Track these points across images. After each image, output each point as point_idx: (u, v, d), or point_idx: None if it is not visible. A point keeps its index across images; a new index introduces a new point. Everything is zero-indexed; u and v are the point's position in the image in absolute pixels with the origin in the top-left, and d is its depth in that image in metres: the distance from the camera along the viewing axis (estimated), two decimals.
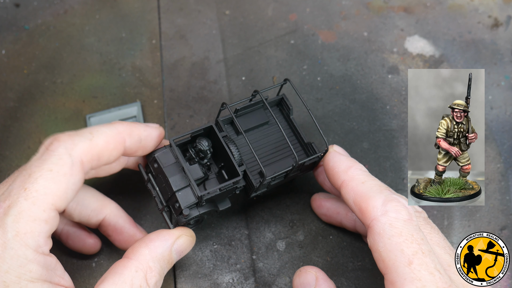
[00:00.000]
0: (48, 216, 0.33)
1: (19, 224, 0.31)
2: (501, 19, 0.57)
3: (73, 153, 0.34)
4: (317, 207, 0.46)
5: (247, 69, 0.54)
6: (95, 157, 0.35)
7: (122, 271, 0.35)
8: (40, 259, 0.32)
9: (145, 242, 0.37)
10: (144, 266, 0.35)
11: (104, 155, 0.36)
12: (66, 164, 0.34)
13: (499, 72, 0.54)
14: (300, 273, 0.40)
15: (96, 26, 0.55)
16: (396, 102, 0.52)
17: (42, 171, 0.33)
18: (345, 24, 0.56)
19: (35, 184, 0.32)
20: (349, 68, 0.54)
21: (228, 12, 0.57)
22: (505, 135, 0.51)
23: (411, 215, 0.36)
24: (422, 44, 0.55)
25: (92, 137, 0.35)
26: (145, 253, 0.36)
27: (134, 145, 0.38)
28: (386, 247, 0.35)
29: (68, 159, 0.34)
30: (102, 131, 0.36)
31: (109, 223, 0.41)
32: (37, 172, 0.33)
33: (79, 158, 0.34)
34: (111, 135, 0.36)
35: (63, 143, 0.34)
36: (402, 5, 0.57)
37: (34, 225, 0.32)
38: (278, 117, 0.45)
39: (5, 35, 0.54)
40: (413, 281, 0.33)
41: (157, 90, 0.52)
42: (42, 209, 0.32)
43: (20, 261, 0.31)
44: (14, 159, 0.49)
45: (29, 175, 0.33)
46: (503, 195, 0.49)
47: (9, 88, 0.52)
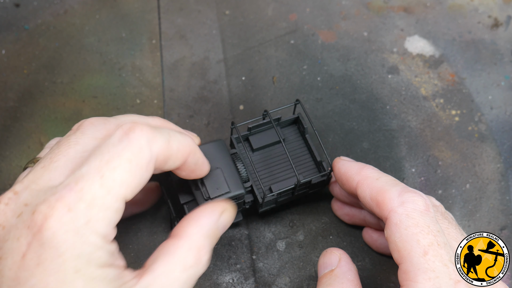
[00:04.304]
0: (119, 206, 0.32)
1: (92, 211, 0.31)
2: (501, 19, 0.57)
3: (153, 148, 0.33)
4: (338, 208, 0.46)
5: (247, 69, 0.54)
6: (165, 159, 0.34)
7: (174, 251, 0.34)
8: (107, 247, 0.32)
9: (193, 219, 0.36)
10: (195, 245, 0.35)
11: (171, 161, 0.35)
12: (145, 158, 0.32)
13: (499, 72, 0.54)
14: (326, 253, 0.40)
15: (96, 26, 0.55)
16: (396, 102, 0.52)
17: (122, 160, 0.32)
18: (345, 24, 0.56)
19: (114, 173, 0.31)
20: (349, 68, 0.54)
21: (228, 12, 0.57)
22: (505, 135, 0.51)
23: (428, 206, 0.36)
24: (422, 44, 0.55)
25: (170, 138, 0.34)
26: (195, 232, 0.35)
27: (190, 165, 0.37)
28: (402, 237, 0.35)
29: (148, 152, 0.33)
30: (177, 137, 0.35)
31: None
32: (116, 160, 0.32)
33: (156, 154, 0.33)
34: (183, 145, 0.35)
35: (146, 134, 0.33)
36: (402, 5, 0.57)
37: (106, 213, 0.31)
38: (294, 135, 0.46)
39: (5, 35, 0.54)
40: (427, 271, 0.33)
41: (157, 90, 0.52)
42: (115, 199, 0.31)
43: (90, 248, 0.31)
44: (14, 159, 0.49)
45: (107, 161, 0.32)
46: (503, 195, 0.49)
47: (9, 88, 0.52)
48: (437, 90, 0.53)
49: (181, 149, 0.35)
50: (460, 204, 0.48)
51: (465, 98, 0.53)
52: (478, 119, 0.52)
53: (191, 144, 0.36)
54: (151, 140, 0.33)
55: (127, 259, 0.44)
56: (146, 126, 0.33)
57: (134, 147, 0.32)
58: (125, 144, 0.32)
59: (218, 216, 0.37)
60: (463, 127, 0.51)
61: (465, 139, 0.51)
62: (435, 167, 0.49)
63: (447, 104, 0.52)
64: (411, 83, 0.53)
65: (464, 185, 0.49)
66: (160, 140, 0.33)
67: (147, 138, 0.33)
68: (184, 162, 0.36)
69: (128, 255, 0.44)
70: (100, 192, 0.31)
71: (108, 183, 0.31)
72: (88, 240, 0.31)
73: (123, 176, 0.32)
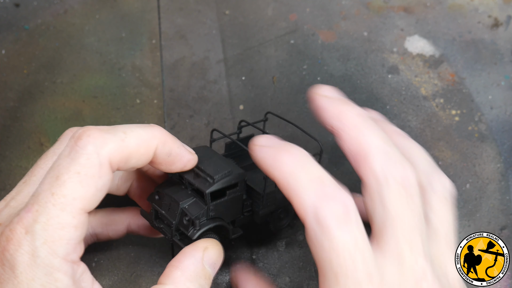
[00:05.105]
0: (78, 221, 0.31)
1: (48, 232, 0.30)
2: (501, 19, 0.57)
3: (102, 153, 0.32)
4: None
5: (247, 69, 0.54)
6: (123, 159, 0.33)
7: None
8: (67, 269, 0.31)
9: (175, 265, 0.35)
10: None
11: (133, 159, 0.34)
12: (94, 166, 0.32)
13: (499, 72, 0.54)
14: None
15: (96, 26, 0.55)
16: (396, 102, 0.52)
17: (70, 173, 0.31)
18: (345, 24, 0.56)
19: (63, 188, 0.31)
20: (349, 68, 0.54)
21: (228, 12, 0.57)
22: (505, 135, 0.51)
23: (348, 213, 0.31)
24: (422, 44, 0.55)
25: (125, 137, 0.33)
26: (178, 276, 0.34)
27: (163, 157, 0.35)
28: (317, 255, 0.32)
29: (96, 159, 0.32)
30: (136, 132, 0.34)
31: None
32: (65, 175, 0.31)
33: (107, 158, 0.32)
34: (144, 139, 0.34)
35: (92, 141, 0.32)
36: (402, 5, 0.57)
37: (63, 232, 0.31)
38: None
39: (5, 35, 0.54)
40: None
41: (157, 90, 0.52)
42: (71, 216, 0.31)
43: (46, 270, 0.30)
44: (14, 159, 0.49)
45: (56, 177, 0.31)
46: (503, 195, 0.49)
47: (9, 88, 0.52)
48: (437, 90, 0.53)
49: (142, 144, 0.34)
50: (460, 204, 0.48)
51: (465, 98, 0.53)
52: (478, 119, 0.52)
53: (157, 135, 0.34)
54: (100, 145, 0.32)
55: (127, 259, 0.44)
56: (95, 131, 0.32)
57: (81, 157, 0.31)
58: (73, 156, 0.32)
59: (201, 255, 0.35)
60: (463, 127, 0.51)
61: (465, 139, 0.51)
62: None
63: (447, 104, 0.52)
64: (411, 83, 0.53)
65: (464, 185, 0.49)
66: (111, 142, 0.32)
67: (94, 144, 0.32)
68: (153, 155, 0.35)
69: (128, 255, 0.44)
70: (53, 211, 0.30)
71: (60, 200, 0.31)
72: (44, 262, 0.30)
73: (74, 189, 0.31)
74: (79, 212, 0.31)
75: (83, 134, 0.32)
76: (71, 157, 0.32)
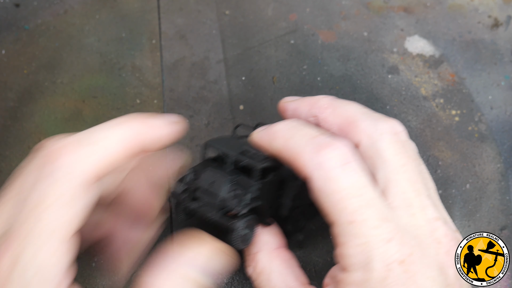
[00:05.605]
0: (66, 247, 0.29)
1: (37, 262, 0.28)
2: (501, 19, 0.57)
3: (77, 171, 0.30)
4: None
5: (247, 69, 0.54)
6: (107, 167, 0.32)
7: None
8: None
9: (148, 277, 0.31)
10: None
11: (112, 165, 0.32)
12: (72, 187, 0.30)
13: (499, 72, 0.54)
14: None
15: (96, 26, 0.55)
16: (396, 102, 0.52)
17: (49, 200, 0.29)
18: (345, 24, 0.56)
19: (44, 219, 0.29)
20: (349, 68, 0.54)
21: (228, 12, 0.57)
22: (505, 135, 0.51)
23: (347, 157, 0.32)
24: (422, 44, 0.55)
25: (95, 147, 0.31)
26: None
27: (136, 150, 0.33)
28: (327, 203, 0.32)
29: (73, 180, 0.30)
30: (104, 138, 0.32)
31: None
32: (42, 203, 0.29)
33: (87, 173, 0.30)
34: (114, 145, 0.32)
35: (66, 160, 0.30)
36: (402, 5, 0.57)
37: (52, 260, 0.29)
38: None
39: (5, 35, 0.54)
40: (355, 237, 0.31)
41: (157, 90, 0.52)
42: (59, 242, 0.29)
43: None
44: (14, 159, 0.49)
45: (35, 206, 0.29)
46: (503, 195, 0.49)
47: (9, 88, 0.52)
48: (437, 90, 0.53)
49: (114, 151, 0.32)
50: (460, 204, 0.48)
51: (465, 98, 0.53)
52: (478, 119, 0.52)
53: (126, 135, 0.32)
54: (75, 163, 0.30)
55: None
56: (67, 147, 0.30)
57: (56, 182, 0.29)
58: (48, 181, 0.29)
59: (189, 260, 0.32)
60: (463, 127, 0.51)
61: (465, 139, 0.51)
62: (435, 167, 0.49)
63: (447, 104, 0.52)
64: (411, 83, 0.53)
65: (464, 185, 0.49)
66: (86, 157, 0.30)
67: (68, 164, 0.30)
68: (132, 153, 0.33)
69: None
70: (38, 241, 0.29)
71: (43, 233, 0.29)
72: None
73: (55, 217, 0.29)
74: (66, 237, 0.29)
75: (50, 154, 0.30)
76: (48, 182, 0.30)
